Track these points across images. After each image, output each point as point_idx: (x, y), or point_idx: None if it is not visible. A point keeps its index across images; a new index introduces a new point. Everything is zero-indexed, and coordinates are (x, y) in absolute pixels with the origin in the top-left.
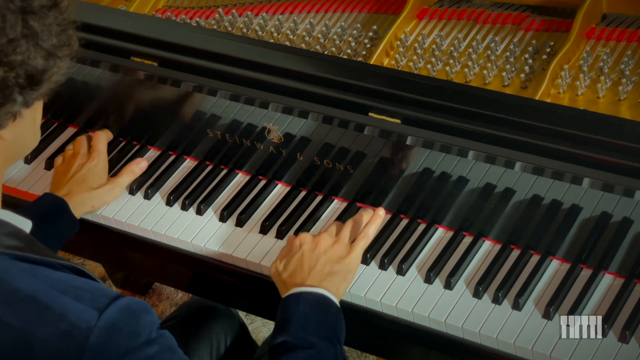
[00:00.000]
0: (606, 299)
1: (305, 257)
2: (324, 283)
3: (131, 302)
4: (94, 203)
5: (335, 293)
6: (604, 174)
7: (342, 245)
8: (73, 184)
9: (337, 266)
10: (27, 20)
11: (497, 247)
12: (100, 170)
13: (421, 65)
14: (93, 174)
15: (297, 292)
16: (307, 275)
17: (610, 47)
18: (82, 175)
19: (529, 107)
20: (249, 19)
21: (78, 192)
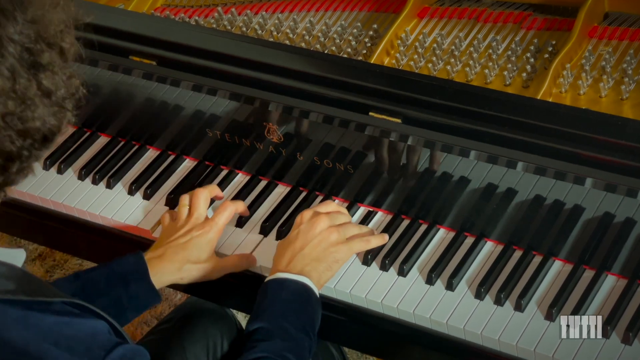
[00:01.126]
0: (609, 300)
1: (299, 237)
2: (307, 268)
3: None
4: (183, 276)
5: (317, 281)
6: (606, 174)
7: (338, 233)
8: (170, 248)
9: (325, 253)
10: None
11: (499, 247)
12: (206, 243)
13: (422, 64)
14: (196, 245)
15: (281, 278)
16: (295, 254)
17: (612, 46)
18: (184, 243)
19: (530, 107)
20: (249, 18)
21: (171, 259)
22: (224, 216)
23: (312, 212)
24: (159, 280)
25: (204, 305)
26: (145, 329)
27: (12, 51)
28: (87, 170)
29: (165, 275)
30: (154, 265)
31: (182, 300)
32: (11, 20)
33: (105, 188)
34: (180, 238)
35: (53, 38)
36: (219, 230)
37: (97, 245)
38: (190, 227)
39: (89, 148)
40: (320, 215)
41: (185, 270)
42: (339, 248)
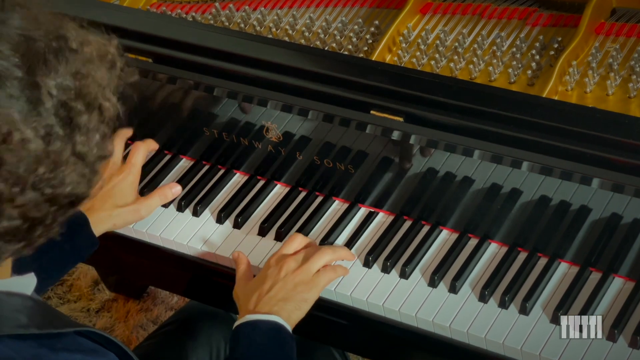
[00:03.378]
0: (616, 303)
1: (266, 281)
2: (275, 308)
3: None
4: (115, 222)
5: (286, 319)
6: (613, 174)
7: (305, 273)
8: (97, 198)
9: (292, 293)
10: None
11: (503, 249)
12: (128, 186)
13: (424, 61)
14: (120, 190)
15: (252, 320)
16: (261, 297)
17: (620, 42)
18: (107, 190)
19: (536, 105)
20: (247, 14)
21: (100, 208)
22: (138, 155)
23: (279, 255)
24: (96, 230)
25: (207, 308)
26: (140, 332)
27: (50, 108)
28: None
29: (99, 224)
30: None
31: (178, 303)
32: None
33: None
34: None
35: (94, 98)
36: (137, 171)
37: None
38: (109, 173)
39: None
40: (287, 258)
41: (116, 215)
42: (306, 287)
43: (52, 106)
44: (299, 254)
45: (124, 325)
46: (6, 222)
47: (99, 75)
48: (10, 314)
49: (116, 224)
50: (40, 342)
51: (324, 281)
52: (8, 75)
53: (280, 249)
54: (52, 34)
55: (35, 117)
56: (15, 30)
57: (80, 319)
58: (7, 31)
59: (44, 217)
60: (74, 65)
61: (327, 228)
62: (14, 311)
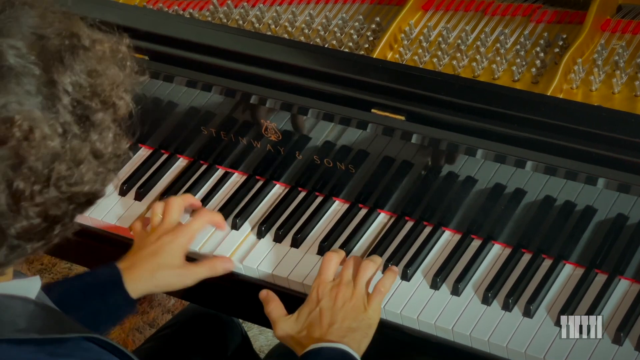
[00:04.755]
0: (622, 306)
1: (324, 313)
2: (345, 339)
3: None
4: (157, 283)
5: (357, 350)
6: (619, 174)
7: (360, 298)
8: (141, 256)
9: (356, 322)
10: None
11: (507, 251)
12: (177, 248)
13: (427, 59)
14: (167, 250)
15: (318, 348)
16: (326, 330)
17: (626, 39)
18: (155, 249)
19: (540, 103)
20: (245, 11)
21: (142, 266)
22: (197, 222)
23: (325, 284)
24: (133, 290)
25: (207, 310)
26: (137, 336)
27: (67, 105)
28: None
29: (138, 284)
30: (127, 275)
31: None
32: (68, 71)
33: None
34: (151, 245)
35: (108, 95)
36: (191, 236)
37: (86, 248)
38: (161, 233)
39: None
40: (339, 286)
41: (158, 277)
42: (368, 312)
43: (68, 103)
44: (345, 278)
45: (119, 328)
46: (26, 222)
47: (112, 73)
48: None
49: (158, 286)
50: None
51: (377, 304)
52: (26, 73)
53: (321, 275)
54: (65, 32)
55: (53, 115)
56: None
57: None
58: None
59: (62, 215)
60: (89, 63)
61: (327, 229)
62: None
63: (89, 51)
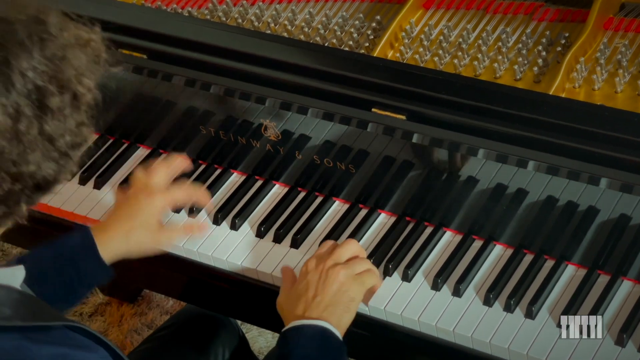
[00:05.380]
0: (625, 307)
1: (309, 287)
2: (325, 313)
3: None
4: (131, 247)
5: (337, 324)
6: (622, 174)
7: (346, 271)
8: (115, 215)
9: (338, 295)
10: (44, 122)
11: (508, 251)
12: (154, 211)
13: (428, 57)
14: (144, 213)
15: (298, 325)
16: (309, 304)
17: (628, 38)
18: (130, 209)
19: (542, 103)
20: (244, 9)
21: (116, 227)
22: (179, 189)
23: (317, 259)
24: (107, 252)
25: (204, 312)
26: (135, 337)
27: (20, 88)
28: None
29: (111, 246)
30: (99, 236)
31: (174, 307)
32: (26, 54)
33: (94, 189)
34: (126, 205)
35: (68, 81)
36: (169, 199)
37: None
38: (138, 192)
39: None
40: (326, 260)
41: (132, 238)
42: (351, 286)
43: (22, 86)
44: (336, 254)
45: (117, 329)
46: None
47: (77, 61)
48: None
49: (131, 248)
50: (24, 335)
51: (369, 282)
52: None
53: (316, 253)
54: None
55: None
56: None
57: None
58: None
59: (6, 195)
60: (51, 49)
61: (327, 229)
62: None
63: (55, 38)
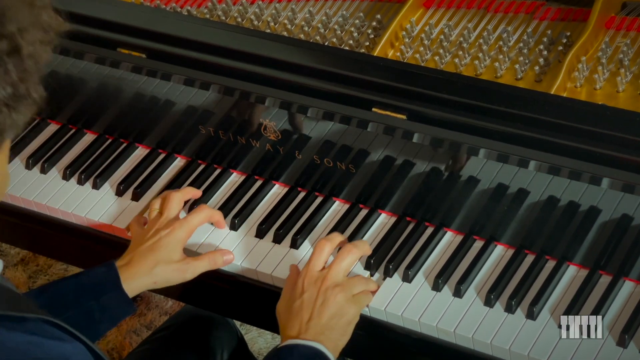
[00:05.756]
0: (627, 308)
1: (304, 307)
2: (322, 337)
3: None
4: (156, 279)
5: (333, 349)
6: (624, 174)
7: (344, 294)
8: (139, 252)
9: (335, 319)
10: None
11: (510, 252)
12: (175, 242)
13: (428, 57)
14: (164, 245)
15: (292, 344)
16: (304, 326)
17: (630, 37)
18: (152, 245)
19: (543, 102)
20: (244, 8)
21: (140, 262)
22: (196, 216)
23: (312, 274)
24: (131, 288)
25: (203, 313)
26: (134, 338)
27: None
28: (73, 169)
29: (136, 281)
30: (124, 273)
31: (173, 307)
32: None
33: (92, 188)
34: (148, 240)
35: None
36: (189, 229)
37: (83, 249)
38: (157, 227)
39: (74, 146)
40: (325, 278)
41: (157, 273)
42: (350, 309)
43: None
44: (334, 272)
45: (116, 330)
46: None
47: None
48: None
49: (157, 282)
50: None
51: (365, 303)
52: None
53: (309, 264)
54: None
55: None
56: None
57: None
58: None
59: None
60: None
61: (327, 230)
62: None
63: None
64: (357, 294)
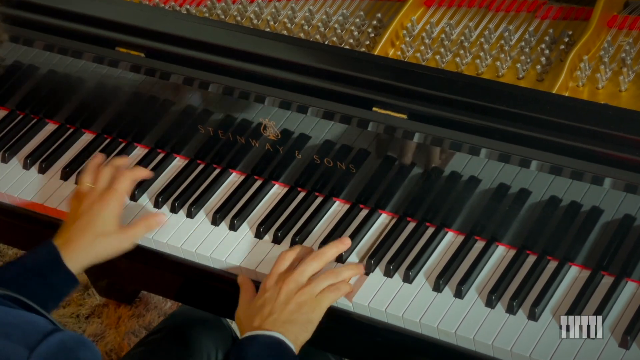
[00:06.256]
0: (629, 309)
1: (266, 304)
2: (281, 329)
3: (66, 338)
4: (97, 252)
5: (293, 341)
6: (626, 174)
7: (308, 294)
8: (76, 228)
9: (296, 315)
10: None
11: (511, 252)
12: (110, 214)
13: (429, 56)
14: (101, 218)
15: (253, 335)
16: (265, 319)
17: (633, 36)
18: (88, 219)
19: (545, 102)
20: (243, 6)
21: (79, 238)
22: (123, 181)
23: (275, 275)
24: (76, 264)
25: (197, 314)
26: (132, 339)
27: None
28: (71, 169)
29: (78, 258)
30: (65, 250)
31: (172, 309)
32: None
33: None
34: (83, 215)
35: None
36: (121, 197)
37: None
38: (90, 200)
39: (73, 146)
40: (286, 278)
41: (97, 246)
42: (310, 308)
43: None
44: (297, 273)
45: (115, 331)
46: None
47: None
48: None
49: (98, 255)
50: None
51: (328, 302)
52: None
53: (274, 268)
54: None
55: None
56: None
57: (70, 325)
58: None
59: None
60: None
61: (327, 230)
62: None
63: None
64: (321, 292)
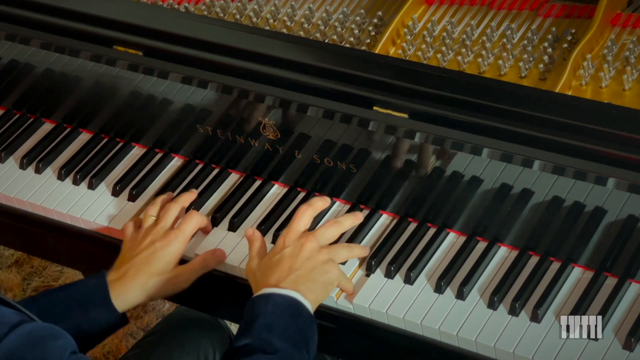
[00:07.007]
0: (633, 310)
1: (285, 259)
2: (301, 287)
3: (34, 328)
4: (150, 293)
5: (313, 301)
6: (630, 174)
7: (328, 254)
8: (133, 265)
9: (318, 273)
10: None
11: (513, 253)
12: (170, 254)
13: (430, 54)
14: (160, 257)
15: (268, 293)
16: (284, 276)
17: (636, 34)
18: (146, 257)
19: (548, 101)
20: (243, 5)
21: (134, 276)
22: (190, 225)
23: (295, 232)
24: (124, 302)
25: (194, 315)
26: (130, 341)
27: None
28: (68, 169)
29: (129, 295)
30: (116, 287)
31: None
32: None
33: (87, 189)
34: (142, 252)
35: None
36: (185, 240)
37: (78, 251)
38: (153, 238)
39: (70, 145)
40: (307, 236)
41: (150, 287)
42: (333, 269)
43: None
44: (320, 233)
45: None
46: None
47: None
48: None
49: (151, 296)
50: None
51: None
52: None
53: (293, 224)
54: None
55: None
56: None
57: None
58: None
59: None
60: None
61: None
62: None
63: None
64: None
